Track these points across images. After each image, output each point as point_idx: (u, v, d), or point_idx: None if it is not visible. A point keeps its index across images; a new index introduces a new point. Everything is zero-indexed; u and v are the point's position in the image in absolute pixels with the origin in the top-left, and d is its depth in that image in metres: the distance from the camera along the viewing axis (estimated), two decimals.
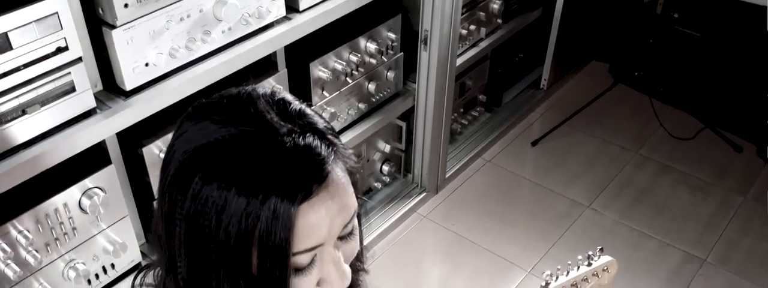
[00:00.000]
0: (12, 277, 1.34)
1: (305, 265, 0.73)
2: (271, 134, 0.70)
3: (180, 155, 0.72)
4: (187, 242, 0.73)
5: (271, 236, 0.68)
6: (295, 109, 0.74)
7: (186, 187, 0.70)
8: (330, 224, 0.72)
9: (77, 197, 1.40)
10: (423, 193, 2.47)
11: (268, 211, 0.67)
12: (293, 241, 0.70)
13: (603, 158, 2.76)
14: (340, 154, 0.74)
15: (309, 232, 0.71)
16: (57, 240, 1.40)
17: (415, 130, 2.33)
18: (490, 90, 2.76)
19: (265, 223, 0.68)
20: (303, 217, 0.69)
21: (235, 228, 0.68)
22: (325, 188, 0.71)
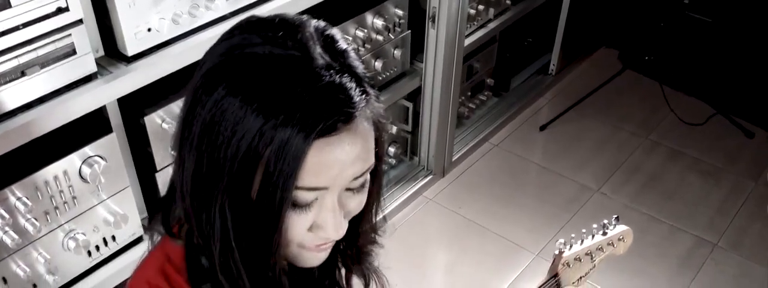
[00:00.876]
0: (10, 244, 1.30)
1: (305, 204, 0.71)
2: (307, 63, 0.68)
3: (216, 58, 0.70)
4: (198, 147, 0.70)
5: (279, 162, 0.66)
6: (340, 48, 0.72)
7: (210, 92, 0.68)
8: (341, 169, 0.70)
9: (77, 165, 1.37)
10: (429, 176, 2.44)
11: (282, 136, 0.65)
12: (299, 174, 0.67)
13: (612, 143, 2.72)
14: (372, 104, 0.72)
15: (318, 170, 0.68)
16: (56, 209, 1.37)
17: (422, 111, 2.29)
18: (498, 74, 2.72)
19: (276, 147, 0.65)
20: (316, 153, 0.67)
21: (245, 144, 0.66)
22: (346, 131, 0.68)
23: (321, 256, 0.80)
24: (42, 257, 1.39)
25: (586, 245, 1.22)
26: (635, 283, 2.18)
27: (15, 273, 1.36)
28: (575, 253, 1.20)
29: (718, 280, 2.20)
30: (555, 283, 1.19)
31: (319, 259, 0.80)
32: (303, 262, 0.80)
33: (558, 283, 1.19)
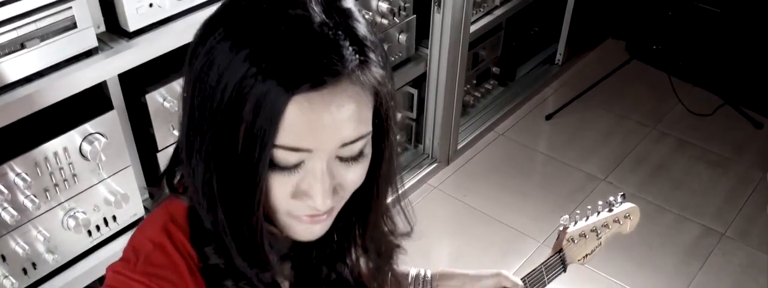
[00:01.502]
0: (9, 221, 1.29)
1: (287, 166, 0.68)
2: (305, 18, 0.66)
3: (222, 5, 0.70)
4: (190, 96, 0.69)
5: (258, 115, 0.64)
6: (342, 7, 0.69)
7: (207, 38, 0.68)
8: (325, 132, 0.66)
9: (78, 142, 1.36)
10: (434, 164, 2.42)
11: (262, 88, 0.63)
12: (278, 129, 0.64)
13: (619, 133, 2.70)
14: (368, 69, 0.67)
15: (299, 130, 0.65)
16: (56, 186, 1.36)
17: (427, 98, 2.27)
18: (504, 63, 2.70)
19: (257, 98, 0.63)
20: (297, 109, 0.64)
21: (229, 92, 0.65)
22: (334, 91, 0.65)
23: (315, 230, 0.76)
24: (41, 235, 1.38)
25: (591, 221, 1.20)
26: (642, 271, 2.16)
27: (14, 250, 1.35)
28: (580, 229, 1.18)
29: (726, 270, 2.18)
30: (559, 258, 1.17)
31: (313, 233, 0.76)
32: (295, 234, 0.76)
33: (563, 258, 1.18)
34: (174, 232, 0.78)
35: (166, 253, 0.76)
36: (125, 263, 0.77)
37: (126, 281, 0.74)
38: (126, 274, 0.75)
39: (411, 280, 1.11)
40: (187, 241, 0.78)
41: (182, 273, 0.75)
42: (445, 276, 1.11)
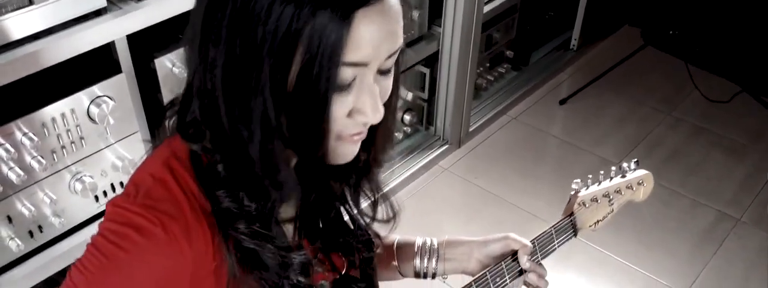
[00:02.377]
0: (16, 181, 1.29)
1: (345, 85, 0.70)
2: None
3: None
4: (229, 37, 0.68)
5: (322, 36, 0.65)
6: None
7: None
8: (379, 44, 0.69)
9: (85, 104, 1.35)
10: (445, 146, 2.40)
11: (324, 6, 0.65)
12: (345, 47, 0.66)
13: (633, 118, 2.66)
14: None
15: (359, 43, 0.67)
16: (64, 148, 1.35)
17: (439, 77, 2.25)
18: (518, 47, 2.67)
19: (319, 19, 0.65)
20: (358, 24, 0.67)
21: (287, 18, 0.65)
22: (382, 4, 0.69)
23: (354, 149, 0.78)
24: (48, 198, 1.37)
25: (604, 187, 1.18)
26: (655, 255, 2.13)
27: (20, 212, 1.34)
28: (592, 194, 1.16)
29: (740, 255, 2.14)
30: (570, 222, 1.15)
31: (352, 153, 0.79)
32: (337, 157, 0.78)
33: (573, 223, 1.15)
34: (176, 168, 0.77)
35: (167, 187, 0.75)
36: (125, 197, 0.76)
37: (124, 213, 0.73)
38: (124, 207, 0.74)
39: (417, 248, 1.09)
40: (189, 177, 0.76)
41: (182, 207, 0.74)
42: (451, 243, 1.10)
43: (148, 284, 0.73)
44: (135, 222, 0.72)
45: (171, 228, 0.73)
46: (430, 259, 1.08)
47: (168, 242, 0.72)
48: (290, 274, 0.82)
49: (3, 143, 1.25)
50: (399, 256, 1.10)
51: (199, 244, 0.75)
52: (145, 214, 0.72)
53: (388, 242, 1.11)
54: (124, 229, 0.72)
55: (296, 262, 0.82)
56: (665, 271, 2.08)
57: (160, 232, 0.72)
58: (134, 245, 0.72)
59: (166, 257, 0.73)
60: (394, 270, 1.10)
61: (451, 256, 1.09)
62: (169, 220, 0.73)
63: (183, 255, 0.73)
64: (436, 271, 1.09)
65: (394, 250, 1.10)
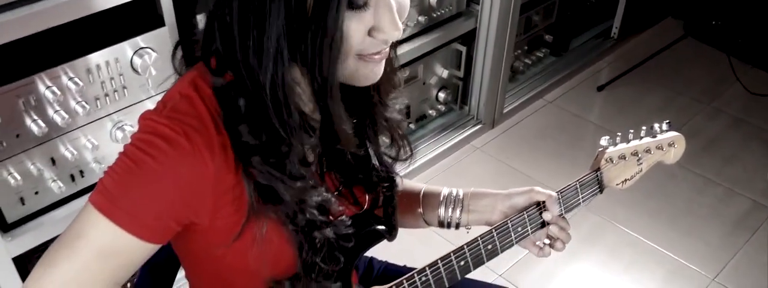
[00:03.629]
0: (60, 123, 1.34)
1: (359, 5, 0.72)
2: None
3: None
4: None
5: None
6: None
7: None
8: None
9: (129, 55, 1.40)
10: (478, 126, 2.40)
11: None
12: None
13: (672, 107, 2.64)
14: None
15: None
16: (107, 96, 1.40)
17: (476, 55, 2.26)
18: (558, 32, 2.67)
19: None
20: None
21: None
22: None
23: (377, 71, 0.81)
24: (90, 143, 1.42)
25: (633, 145, 1.18)
26: (687, 240, 2.11)
27: (64, 155, 1.40)
28: (620, 151, 1.16)
29: None
30: (596, 178, 1.15)
31: (376, 74, 0.81)
32: (361, 77, 0.80)
33: (599, 179, 1.16)
34: (201, 87, 0.80)
35: (192, 103, 0.79)
36: (154, 111, 0.80)
37: (152, 124, 0.77)
38: (153, 119, 0.78)
39: (442, 198, 1.11)
40: (213, 96, 0.79)
41: (206, 123, 0.78)
42: (476, 195, 1.11)
43: (173, 189, 0.77)
44: (162, 132, 0.76)
45: (195, 139, 0.76)
46: (454, 209, 1.10)
47: (192, 151, 0.76)
48: (306, 210, 0.84)
49: (50, 86, 1.31)
50: (424, 205, 1.12)
51: (220, 160, 0.78)
52: (171, 126, 0.76)
53: (415, 190, 1.13)
54: (152, 138, 0.76)
55: (312, 200, 0.85)
56: (695, 257, 2.05)
57: (184, 142, 0.76)
58: (161, 152, 0.76)
59: (190, 165, 0.76)
60: (418, 217, 1.12)
61: (474, 208, 1.10)
62: (193, 132, 0.76)
63: (205, 165, 0.77)
64: (460, 221, 1.11)
65: (421, 199, 1.12)
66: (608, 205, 2.21)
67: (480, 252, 1.05)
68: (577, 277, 2.01)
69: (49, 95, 1.31)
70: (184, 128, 0.76)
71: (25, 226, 1.40)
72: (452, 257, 1.03)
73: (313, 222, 0.86)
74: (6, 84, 1.25)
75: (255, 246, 0.84)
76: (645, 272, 2.01)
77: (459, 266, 1.04)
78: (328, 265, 0.89)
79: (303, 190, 0.83)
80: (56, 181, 1.41)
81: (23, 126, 1.31)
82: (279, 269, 0.89)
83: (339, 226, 0.89)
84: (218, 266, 0.90)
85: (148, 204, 0.76)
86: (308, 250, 0.86)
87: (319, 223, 0.87)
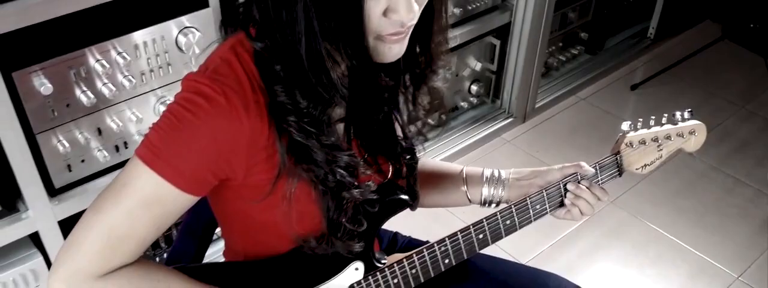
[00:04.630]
0: (108, 95, 1.42)
1: None
2: None
3: None
4: None
5: None
6: None
7: None
8: None
9: (174, 33, 1.47)
10: (510, 119, 2.44)
11: None
12: None
13: (705, 108, 2.64)
14: None
15: None
16: (152, 71, 1.47)
17: (509, 49, 2.30)
18: (594, 30, 2.68)
19: None
20: None
21: None
22: None
23: (396, 49, 0.85)
24: (134, 116, 1.50)
25: (653, 131, 1.21)
26: (713, 238, 2.11)
27: (109, 126, 1.48)
28: (640, 136, 1.20)
29: None
30: (615, 161, 1.19)
31: (395, 52, 0.85)
32: (381, 55, 0.85)
33: (618, 162, 1.19)
34: (241, 53, 0.86)
35: (232, 67, 0.85)
36: (196, 73, 0.86)
37: (194, 84, 0.84)
38: (195, 80, 0.84)
39: (484, 178, 1.16)
40: (251, 61, 0.85)
41: (243, 85, 0.84)
42: (516, 173, 1.16)
43: (211, 143, 0.83)
44: (203, 91, 0.83)
45: (232, 99, 0.82)
46: (496, 188, 1.15)
47: (229, 110, 0.82)
48: (336, 170, 0.90)
49: (99, 59, 1.38)
50: (468, 183, 1.16)
51: (255, 120, 0.84)
52: (211, 86, 0.83)
53: (456, 170, 1.18)
54: (194, 96, 0.83)
55: (342, 161, 0.90)
56: (720, 255, 2.06)
57: (222, 101, 0.82)
58: (201, 109, 0.82)
59: (226, 122, 0.82)
60: (462, 194, 1.17)
61: (514, 184, 1.15)
62: (231, 92, 0.82)
63: (241, 123, 0.83)
64: (502, 198, 1.16)
65: (464, 178, 1.17)
66: (636, 201, 2.22)
67: (498, 227, 1.09)
68: (601, 270, 2.03)
69: (98, 68, 1.38)
70: (223, 88, 0.82)
71: (70, 192, 1.48)
72: (471, 230, 1.07)
73: (341, 183, 0.91)
74: (59, 55, 1.33)
75: (284, 204, 0.90)
76: (670, 268, 2.03)
77: (478, 239, 1.08)
78: (352, 225, 0.94)
79: (333, 149, 0.88)
80: (101, 151, 1.49)
81: (73, 96, 1.39)
82: (306, 227, 0.94)
83: (365, 189, 0.94)
84: (250, 223, 0.96)
85: (188, 157, 0.83)
86: (335, 210, 0.92)
87: (347, 183, 0.92)
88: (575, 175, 1.14)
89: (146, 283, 0.87)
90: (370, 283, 1.03)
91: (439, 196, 1.16)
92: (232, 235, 1.03)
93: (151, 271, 0.88)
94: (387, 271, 1.04)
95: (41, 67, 1.31)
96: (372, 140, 0.99)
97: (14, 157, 1.35)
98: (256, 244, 0.99)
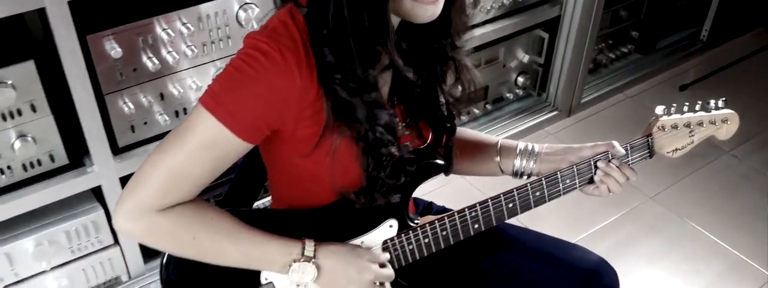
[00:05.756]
0: (171, 62, 1.52)
1: None
2: None
3: None
4: None
5: None
6: None
7: None
8: None
9: (235, 8, 1.56)
10: (554, 112, 2.48)
11: None
12: None
13: (753, 113, 2.62)
14: None
15: None
16: (213, 43, 1.57)
17: (558, 43, 2.33)
18: (645, 30, 2.70)
19: None
20: None
21: None
22: None
23: (431, 10, 0.92)
24: (194, 84, 1.60)
25: (686, 116, 1.25)
26: (749, 238, 2.11)
27: (171, 92, 1.58)
28: (672, 120, 1.24)
29: None
30: (646, 143, 1.23)
31: (430, 13, 0.92)
32: (417, 16, 0.93)
33: (650, 144, 1.23)
34: (297, 16, 0.95)
35: (287, 28, 0.93)
36: (256, 32, 0.96)
37: (254, 42, 0.93)
38: (255, 38, 0.93)
39: (518, 151, 1.22)
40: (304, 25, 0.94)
41: (297, 44, 0.92)
42: (550, 149, 1.22)
43: (265, 94, 0.92)
44: (261, 48, 0.91)
45: (287, 56, 0.91)
46: (528, 160, 1.21)
47: (284, 66, 0.91)
48: (376, 128, 0.97)
49: (166, 28, 1.49)
50: (502, 155, 1.23)
51: (306, 77, 0.92)
52: (269, 43, 0.91)
53: (492, 141, 1.25)
54: (253, 52, 0.92)
55: (383, 119, 0.97)
56: (756, 254, 2.06)
57: (278, 57, 0.90)
58: (258, 63, 0.91)
59: (281, 76, 0.91)
60: (495, 165, 1.23)
61: (546, 158, 1.21)
62: (286, 50, 0.91)
63: (293, 79, 0.91)
64: (533, 171, 1.22)
65: (498, 149, 1.23)
66: (676, 198, 2.24)
67: (528, 197, 1.15)
68: (634, 261, 2.06)
69: (164, 36, 1.49)
70: (279, 46, 0.91)
71: (132, 151, 1.60)
72: (502, 198, 1.13)
73: (380, 140, 0.99)
74: (130, 22, 1.44)
75: (328, 159, 0.98)
76: (702, 264, 2.04)
77: (507, 208, 1.14)
78: (390, 180, 1.02)
79: (374, 107, 0.96)
80: (163, 115, 1.59)
81: (140, 61, 1.49)
82: (347, 181, 1.02)
83: (403, 148, 1.02)
84: (296, 174, 1.04)
85: (245, 105, 0.91)
86: (374, 166, 0.99)
87: (386, 141, 0.99)
88: (606, 154, 1.19)
89: (200, 220, 0.96)
90: (402, 240, 1.10)
91: (473, 164, 1.22)
92: (279, 185, 1.12)
93: (204, 210, 0.97)
94: (419, 230, 1.11)
95: (113, 32, 1.42)
96: (415, 106, 1.07)
97: (84, 116, 1.46)
98: (300, 194, 1.07)
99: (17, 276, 1.57)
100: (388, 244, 1.10)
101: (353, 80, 0.94)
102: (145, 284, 1.76)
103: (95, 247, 1.64)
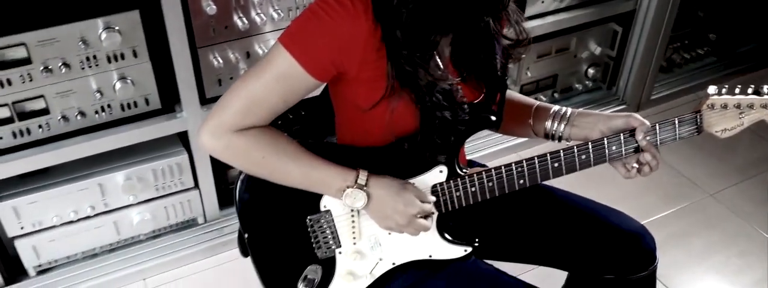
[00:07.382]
0: (258, 23, 1.67)
1: None
2: None
3: None
4: None
5: None
6: None
7: None
8: None
9: None
10: (622, 106, 2.51)
11: None
12: None
13: None
14: None
15: None
16: (297, 9, 1.71)
17: (631, 37, 2.37)
18: (724, 33, 2.69)
19: None
20: None
21: None
22: None
23: None
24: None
25: (738, 98, 1.29)
26: None
27: (256, 51, 1.73)
28: (723, 100, 1.28)
29: None
30: (695, 119, 1.28)
31: None
32: None
33: (698, 121, 1.28)
34: None
35: None
36: None
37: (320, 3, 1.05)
38: None
39: (552, 113, 1.30)
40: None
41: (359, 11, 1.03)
42: (582, 114, 1.29)
43: (335, 37, 1.04)
44: None
45: (357, 5, 1.03)
46: (560, 123, 1.29)
47: (355, 14, 1.03)
48: (434, 95, 1.09)
49: None
50: (535, 117, 1.31)
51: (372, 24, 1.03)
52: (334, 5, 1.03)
53: (529, 104, 1.33)
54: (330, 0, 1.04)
55: (441, 87, 1.09)
56: None
57: (349, 5, 1.03)
58: (333, 10, 1.03)
59: (351, 23, 1.03)
60: (528, 127, 1.32)
61: (578, 123, 1.28)
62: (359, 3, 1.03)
63: (361, 26, 1.03)
64: (563, 134, 1.29)
65: (532, 112, 1.32)
66: (736, 197, 2.25)
67: (574, 159, 1.23)
68: (685, 253, 2.08)
69: None
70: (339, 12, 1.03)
71: None
72: (548, 157, 1.21)
73: (437, 104, 1.10)
74: None
75: (387, 115, 1.10)
76: (755, 262, 2.05)
77: (553, 167, 1.22)
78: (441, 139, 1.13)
79: (436, 75, 1.06)
80: None
81: (231, 20, 1.64)
82: (404, 132, 1.14)
83: (459, 111, 1.12)
84: (358, 118, 1.16)
85: (316, 45, 1.04)
86: (428, 126, 1.11)
87: (442, 106, 1.10)
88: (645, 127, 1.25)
89: (271, 142, 1.09)
90: (450, 186, 1.20)
91: (510, 123, 1.30)
92: (343, 124, 1.24)
93: (275, 135, 1.11)
94: (467, 179, 1.20)
95: None
96: (472, 64, 1.16)
97: (179, 65, 1.62)
98: (361, 135, 1.19)
99: (106, 206, 1.75)
100: (436, 188, 1.20)
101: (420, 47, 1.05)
102: (219, 228, 1.91)
103: (177, 188, 1.80)
